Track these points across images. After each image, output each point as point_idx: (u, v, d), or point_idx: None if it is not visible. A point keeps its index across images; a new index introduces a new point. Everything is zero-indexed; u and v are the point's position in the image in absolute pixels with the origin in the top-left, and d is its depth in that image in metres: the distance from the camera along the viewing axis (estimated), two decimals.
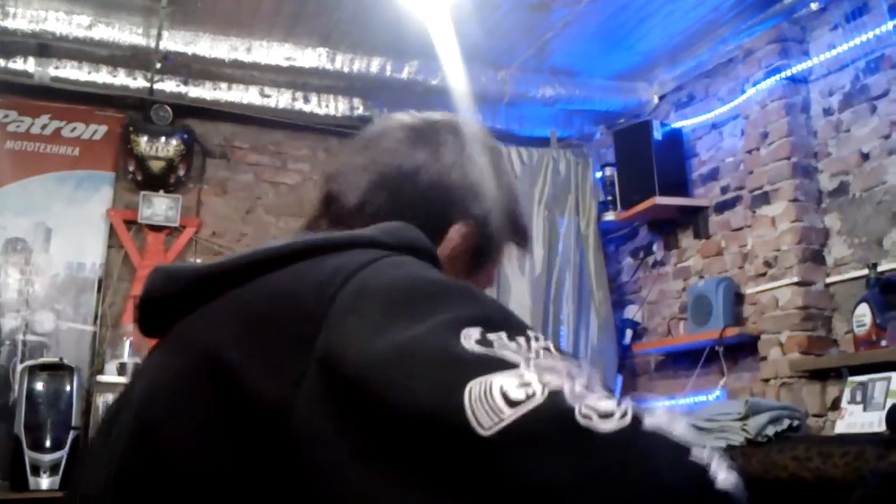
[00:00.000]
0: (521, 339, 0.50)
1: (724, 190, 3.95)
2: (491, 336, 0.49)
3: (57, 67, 3.90)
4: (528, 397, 0.44)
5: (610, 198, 4.53)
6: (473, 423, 0.43)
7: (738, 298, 3.74)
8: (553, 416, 0.44)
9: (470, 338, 0.48)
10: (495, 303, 0.56)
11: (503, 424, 0.43)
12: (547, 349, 0.50)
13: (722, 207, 3.96)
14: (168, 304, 0.67)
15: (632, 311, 4.55)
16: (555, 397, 0.44)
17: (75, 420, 3.56)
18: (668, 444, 0.44)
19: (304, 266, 0.60)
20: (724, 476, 0.43)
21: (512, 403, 0.44)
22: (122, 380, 3.74)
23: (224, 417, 0.54)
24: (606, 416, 0.44)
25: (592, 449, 0.42)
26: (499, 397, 0.44)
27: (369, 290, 0.55)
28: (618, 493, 0.41)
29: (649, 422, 0.45)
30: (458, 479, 0.43)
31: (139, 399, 0.64)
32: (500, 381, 0.45)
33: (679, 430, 0.45)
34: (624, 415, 0.44)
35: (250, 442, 0.52)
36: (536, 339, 0.50)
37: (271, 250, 0.62)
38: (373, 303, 0.53)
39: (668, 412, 0.46)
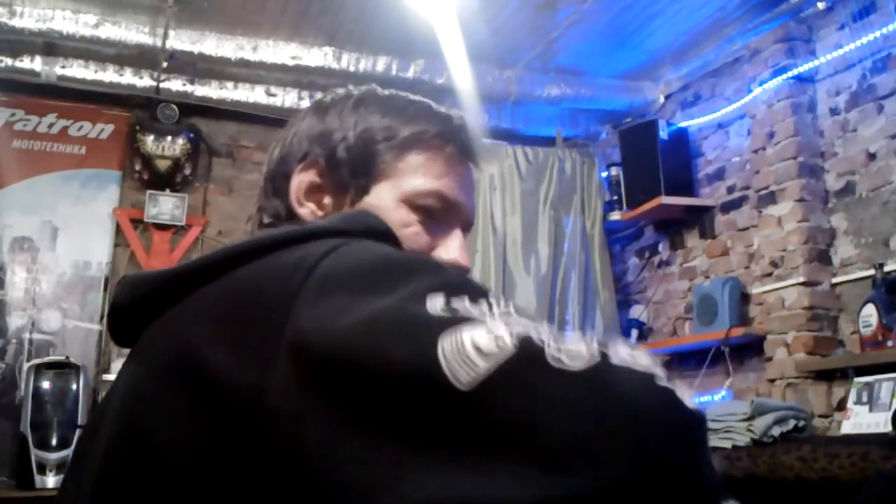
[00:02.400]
0: (483, 303, 0.51)
1: (731, 190, 3.95)
2: (454, 301, 0.51)
3: (63, 66, 3.91)
4: (500, 347, 0.46)
5: (615, 197, 4.52)
6: (451, 378, 0.45)
7: (744, 298, 3.74)
8: (525, 361, 0.46)
9: (435, 303, 0.50)
10: (456, 271, 0.58)
11: (479, 376, 0.44)
12: (508, 312, 0.51)
13: (728, 207, 3.96)
14: (137, 312, 0.67)
15: (637, 311, 4.54)
16: (525, 343, 0.46)
17: (81, 418, 3.57)
18: (636, 374, 0.46)
19: (267, 260, 0.60)
20: (687, 399, 0.47)
21: (485, 355, 0.45)
22: None
23: (202, 413, 0.54)
24: (576, 355, 0.46)
25: (565, 386, 0.45)
26: (471, 350, 0.46)
27: (334, 274, 0.56)
28: (593, 421, 0.43)
29: (615, 357, 0.47)
30: (441, 433, 0.44)
31: (118, 404, 0.65)
32: (471, 334, 0.47)
33: (642, 361, 0.48)
34: (592, 354, 0.46)
35: (231, 434, 0.53)
36: (498, 303, 0.52)
37: (233, 248, 0.63)
38: (338, 286, 0.54)
39: (629, 344, 0.49)
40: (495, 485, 0.42)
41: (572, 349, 0.47)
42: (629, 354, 0.48)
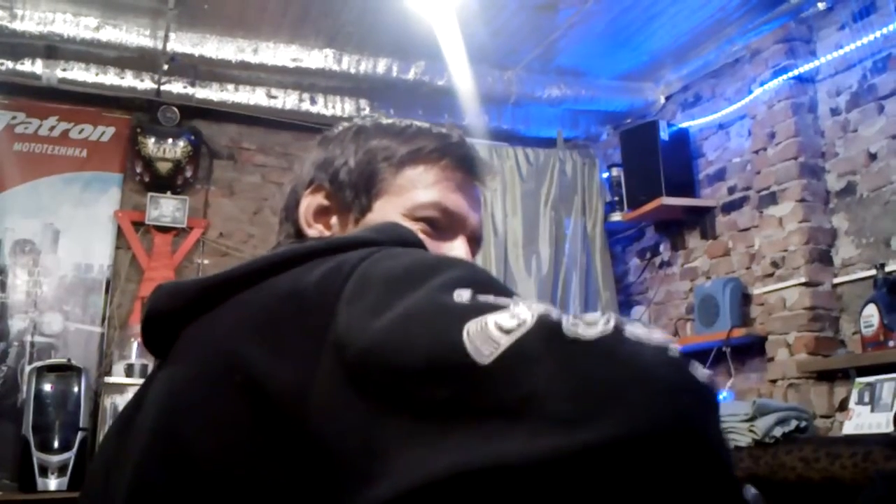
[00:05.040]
0: (507, 298, 0.53)
1: (731, 190, 3.95)
2: (480, 296, 0.52)
3: (64, 69, 3.92)
4: (520, 324, 0.47)
5: (616, 198, 4.52)
6: (474, 355, 0.46)
7: (746, 299, 3.74)
8: (543, 332, 0.47)
9: (462, 296, 0.52)
10: (485, 271, 0.60)
11: (500, 351, 0.46)
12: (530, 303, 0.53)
13: (729, 208, 3.96)
14: (174, 320, 0.68)
15: (638, 312, 4.54)
16: (543, 317, 0.48)
17: (83, 421, 3.57)
18: (649, 345, 0.48)
19: (306, 268, 0.62)
20: (700, 370, 0.48)
21: (506, 332, 0.47)
22: (130, 381, 3.75)
23: (247, 415, 0.56)
24: (591, 323, 0.48)
25: (580, 353, 0.46)
26: (494, 329, 0.47)
27: (370, 277, 0.58)
28: (603, 382, 0.44)
29: (629, 331, 0.48)
30: (467, 407, 0.46)
31: (156, 408, 0.65)
32: (494, 318, 0.48)
33: (656, 337, 0.49)
34: (608, 322, 0.48)
35: (275, 434, 0.54)
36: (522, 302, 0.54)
37: (273, 257, 0.65)
38: (374, 287, 0.56)
39: (644, 324, 0.50)
40: (510, 444, 0.43)
41: (588, 319, 0.48)
42: (644, 330, 0.49)
